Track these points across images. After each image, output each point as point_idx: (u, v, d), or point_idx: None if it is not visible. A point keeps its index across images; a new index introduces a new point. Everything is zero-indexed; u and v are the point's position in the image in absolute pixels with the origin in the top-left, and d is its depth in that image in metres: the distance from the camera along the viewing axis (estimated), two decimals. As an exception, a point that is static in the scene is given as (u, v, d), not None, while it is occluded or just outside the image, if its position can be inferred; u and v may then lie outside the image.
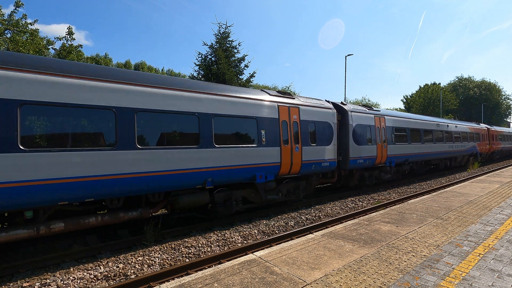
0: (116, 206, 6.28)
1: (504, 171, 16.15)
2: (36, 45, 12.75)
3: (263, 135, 8.33)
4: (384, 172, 13.73)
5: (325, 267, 3.99)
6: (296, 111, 9.38)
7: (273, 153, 8.56)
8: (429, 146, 16.76)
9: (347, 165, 11.50)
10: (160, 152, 6.35)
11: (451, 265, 4.02)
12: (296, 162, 9.22)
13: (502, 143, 29.95)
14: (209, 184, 7.18)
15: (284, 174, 9.06)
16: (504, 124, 62.28)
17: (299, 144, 9.29)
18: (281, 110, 8.94)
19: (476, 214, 6.75)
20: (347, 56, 29.58)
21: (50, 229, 5.44)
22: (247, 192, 8.46)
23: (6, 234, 5.01)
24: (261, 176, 8.26)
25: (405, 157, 14.61)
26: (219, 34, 16.76)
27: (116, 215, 6.19)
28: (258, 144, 8.20)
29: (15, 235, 5.09)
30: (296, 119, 9.31)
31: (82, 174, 5.36)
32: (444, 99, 50.44)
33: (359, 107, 12.91)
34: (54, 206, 5.59)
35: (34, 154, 4.92)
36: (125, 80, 6.09)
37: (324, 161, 10.21)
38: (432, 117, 20.72)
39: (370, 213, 8.93)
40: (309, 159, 9.63)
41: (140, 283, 4.75)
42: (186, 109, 6.82)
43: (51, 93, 5.13)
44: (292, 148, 9.09)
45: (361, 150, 11.88)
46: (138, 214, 6.47)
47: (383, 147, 13.04)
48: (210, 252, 6.22)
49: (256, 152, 8.14)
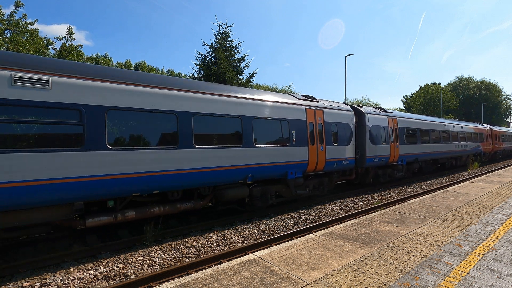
0: (176, 198, 7.14)
1: (504, 171, 16.15)
2: (36, 45, 12.75)
3: (294, 136, 9.16)
4: (396, 170, 14.55)
5: (325, 267, 3.99)
6: (320, 113, 10.24)
7: (302, 152, 9.38)
8: (437, 145, 17.53)
9: (364, 163, 12.26)
10: (211, 150, 7.21)
11: (451, 265, 4.02)
12: (321, 160, 10.05)
13: (504, 143, 30.72)
14: (250, 179, 8.00)
15: (310, 171, 9.84)
16: (504, 124, 62.26)
17: (323, 143, 10.13)
18: (308, 112, 9.79)
19: (476, 214, 6.75)
20: (347, 56, 29.63)
21: (124, 217, 6.31)
22: (279, 187, 9.30)
23: (93, 220, 5.92)
24: (291, 173, 9.06)
25: (415, 156, 15.43)
26: (219, 34, 16.76)
27: (174, 206, 7.04)
28: (290, 144, 9.02)
29: (99, 221, 6.00)
30: (320, 121, 10.17)
31: (152, 169, 6.20)
32: (444, 99, 50.44)
33: (374, 109, 13.63)
34: (129, 197, 6.42)
35: (117, 152, 5.78)
36: (184, 87, 6.96)
37: (344, 159, 11.03)
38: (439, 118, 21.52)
39: (370, 213, 8.94)
40: (332, 157, 10.48)
41: (140, 283, 4.75)
42: (231, 112, 7.66)
43: (129, 100, 5.99)
44: (318, 147, 9.92)
45: (376, 149, 12.64)
46: (191, 205, 7.32)
47: (395, 147, 13.85)
48: (210, 252, 6.22)
49: (288, 151, 8.95)
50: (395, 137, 13.93)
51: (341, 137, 10.93)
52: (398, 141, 14.04)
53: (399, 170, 14.67)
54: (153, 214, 6.73)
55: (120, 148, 5.82)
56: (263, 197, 8.87)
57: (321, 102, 10.71)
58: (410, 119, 15.67)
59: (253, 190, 8.49)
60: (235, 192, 7.93)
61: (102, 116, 5.62)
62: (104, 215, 6.07)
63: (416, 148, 15.46)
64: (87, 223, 5.86)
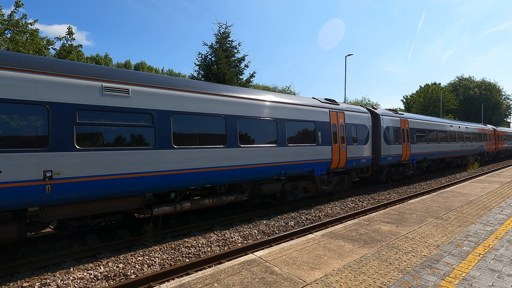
0: (222, 191, 7.97)
1: (504, 171, 16.15)
2: (36, 45, 12.75)
3: (320, 136, 10.05)
4: (407, 168, 15.31)
5: (325, 267, 3.99)
6: (342, 115, 11.14)
7: (326, 151, 10.26)
8: (444, 145, 18.40)
9: (379, 161, 13.09)
10: (253, 149, 8.09)
11: (451, 265, 4.02)
12: (343, 158, 10.94)
13: (506, 142, 31.75)
14: (283, 175, 8.90)
15: (333, 169, 10.71)
16: (504, 124, 62.24)
17: (344, 143, 11.01)
18: (331, 114, 10.70)
19: (476, 214, 6.75)
20: (347, 56, 29.59)
21: (182, 207, 7.15)
22: (306, 183, 10.15)
23: (158, 210, 6.75)
24: (317, 170, 9.95)
25: (424, 155, 16.25)
26: (219, 34, 16.77)
27: (220, 198, 7.86)
28: (316, 143, 9.92)
29: (163, 211, 6.85)
30: (342, 122, 11.07)
31: (207, 165, 7.07)
32: (444, 99, 50.40)
33: (387, 111, 14.46)
34: (187, 190, 7.38)
35: (180, 150, 6.66)
36: (230, 93, 7.84)
37: (362, 158, 11.90)
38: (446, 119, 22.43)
39: (370, 213, 8.94)
40: (352, 156, 11.35)
41: (140, 283, 4.75)
42: (268, 115, 8.57)
43: (188, 105, 6.87)
44: (340, 147, 10.79)
45: (390, 149, 13.48)
46: (234, 198, 8.15)
47: (407, 146, 14.71)
48: (210, 252, 6.22)
49: (315, 150, 9.85)
50: (407, 137, 14.72)
51: (360, 137, 11.77)
52: (409, 141, 14.84)
53: (410, 169, 15.39)
54: (204, 206, 7.56)
55: (182, 147, 6.70)
56: (293, 192, 9.78)
57: (342, 105, 11.57)
58: (420, 120, 16.46)
59: (285, 185, 9.43)
60: (270, 187, 8.84)
61: (169, 120, 6.52)
62: (167, 205, 6.96)
63: (425, 148, 16.24)
64: (154, 212, 6.70)
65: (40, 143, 5.05)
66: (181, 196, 7.27)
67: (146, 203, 6.47)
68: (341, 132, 10.94)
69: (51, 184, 5.10)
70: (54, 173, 5.11)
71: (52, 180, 5.09)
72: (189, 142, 6.89)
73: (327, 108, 10.60)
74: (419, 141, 15.85)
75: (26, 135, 4.98)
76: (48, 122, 5.12)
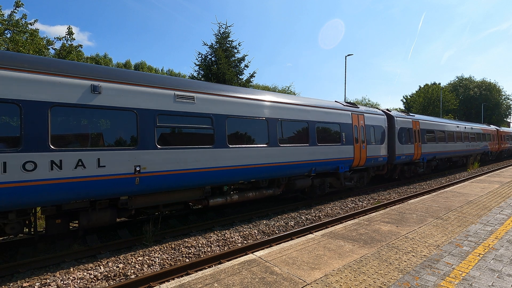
0: (263, 186, 9.01)
1: (504, 171, 16.15)
2: (36, 45, 12.73)
3: (344, 137, 10.99)
4: (418, 167, 16.23)
5: (325, 267, 3.99)
6: (362, 117, 12.13)
7: (349, 150, 11.20)
8: (451, 145, 19.38)
9: (393, 160, 13.98)
10: (290, 148, 9.05)
11: (451, 265, 4.02)
12: (363, 157, 11.89)
13: (509, 142, 32.85)
14: (313, 172, 9.89)
15: (354, 166, 11.64)
16: (504, 124, 62.20)
17: (364, 143, 11.97)
18: (353, 117, 11.67)
19: (476, 214, 6.75)
20: (347, 56, 29.59)
21: (232, 199, 8.12)
22: (332, 179, 11.17)
23: (213, 201, 7.68)
24: (342, 167, 10.90)
25: (433, 154, 17.20)
26: (219, 34, 16.75)
27: (261, 192, 8.84)
28: (341, 143, 10.86)
29: (217, 202, 7.78)
30: (362, 124, 12.03)
31: (253, 162, 8.04)
32: (444, 99, 50.37)
33: (400, 113, 15.47)
34: (236, 184, 8.63)
35: (233, 149, 7.63)
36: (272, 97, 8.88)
37: (379, 157, 12.87)
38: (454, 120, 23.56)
39: (370, 213, 8.93)
40: (371, 155, 12.32)
41: (140, 283, 4.75)
42: (301, 118, 9.51)
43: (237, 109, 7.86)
44: (360, 146, 11.72)
45: (403, 148, 14.39)
46: (272, 191, 9.09)
47: (418, 146, 15.58)
48: (210, 252, 6.22)
49: (340, 149, 10.79)
50: (418, 138, 15.60)
51: (377, 137, 12.78)
52: (420, 141, 15.72)
53: (421, 167, 16.30)
54: (249, 198, 8.54)
55: (234, 146, 7.66)
56: (321, 187, 10.74)
57: (361, 107, 12.65)
58: (430, 121, 17.45)
59: (314, 181, 10.33)
60: (302, 182, 9.78)
61: (224, 122, 7.47)
62: (220, 197, 7.88)
63: (434, 147, 17.19)
64: (210, 202, 7.60)
65: (132, 142, 6.07)
66: (230, 189, 8.23)
67: (204, 195, 7.45)
68: (362, 133, 11.87)
69: (139, 177, 6.07)
70: (142, 167, 6.08)
71: (140, 173, 6.06)
72: (240, 142, 7.88)
73: (349, 110, 11.59)
74: (429, 141, 16.69)
75: (123, 136, 6.02)
76: (137, 125, 6.10)
